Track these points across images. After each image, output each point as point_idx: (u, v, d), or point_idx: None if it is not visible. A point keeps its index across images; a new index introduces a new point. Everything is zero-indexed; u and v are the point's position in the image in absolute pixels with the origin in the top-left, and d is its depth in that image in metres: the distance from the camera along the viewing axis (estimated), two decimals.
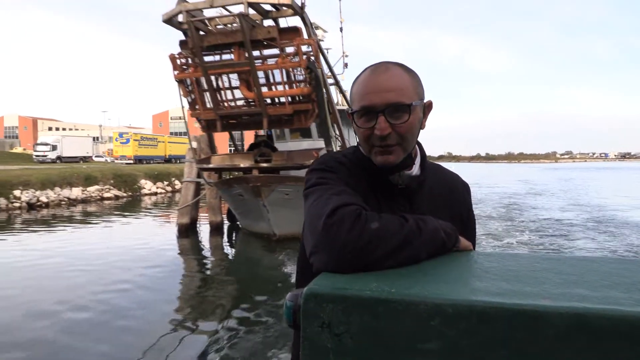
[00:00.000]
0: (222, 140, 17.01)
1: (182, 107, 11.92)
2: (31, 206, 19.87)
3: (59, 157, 48.80)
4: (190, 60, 11.45)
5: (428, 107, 1.11)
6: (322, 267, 0.88)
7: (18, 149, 70.62)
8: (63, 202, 21.44)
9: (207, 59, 11.10)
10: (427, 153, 1.23)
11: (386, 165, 1.06)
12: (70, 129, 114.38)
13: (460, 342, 0.69)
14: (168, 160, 57.33)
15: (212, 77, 11.28)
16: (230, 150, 18.57)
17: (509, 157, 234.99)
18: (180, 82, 11.52)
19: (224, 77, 11.51)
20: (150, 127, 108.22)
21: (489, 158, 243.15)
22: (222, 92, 11.81)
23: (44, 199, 20.66)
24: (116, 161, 51.89)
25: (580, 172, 64.80)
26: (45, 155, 48.07)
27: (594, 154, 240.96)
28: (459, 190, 1.25)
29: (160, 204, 24.16)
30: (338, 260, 0.86)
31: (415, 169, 1.13)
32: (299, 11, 10.48)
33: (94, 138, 71.29)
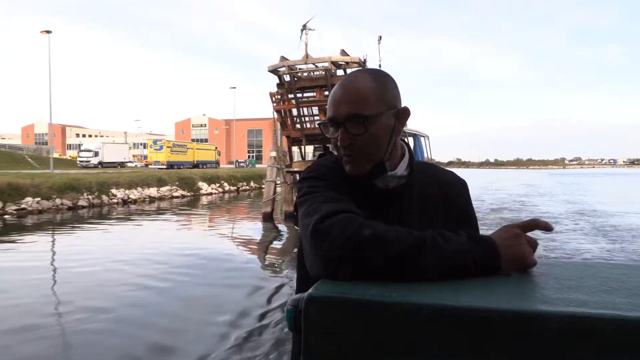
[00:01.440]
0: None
1: (275, 129, 16.91)
2: (124, 202, 24.52)
3: (100, 163, 51.77)
4: (282, 97, 16.49)
5: (403, 113, 1.07)
6: (317, 275, 0.88)
7: (55, 155, 75.14)
8: (146, 199, 26.26)
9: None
10: (436, 159, 2.05)
11: (354, 174, 1.05)
12: (96, 136, 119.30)
13: (460, 347, 0.69)
14: (196, 165, 58.34)
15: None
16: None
17: (518, 163, 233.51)
18: (277, 111, 16.55)
19: (307, 108, 16.51)
20: (172, 134, 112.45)
21: (497, 164, 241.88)
22: (306, 118, 16.83)
23: (132, 196, 25.45)
24: (150, 166, 53.50)
25: (587, 177, 64.70)
26: (89, 161, 51.27)
27: (602, 160, 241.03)
28: (456, 188, 1.19)
29: (230, 201, 28.21)
30: (328, 268, 0.85)
31: (401, 170, 1.10)
32: (362, 64, 15.55)
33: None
